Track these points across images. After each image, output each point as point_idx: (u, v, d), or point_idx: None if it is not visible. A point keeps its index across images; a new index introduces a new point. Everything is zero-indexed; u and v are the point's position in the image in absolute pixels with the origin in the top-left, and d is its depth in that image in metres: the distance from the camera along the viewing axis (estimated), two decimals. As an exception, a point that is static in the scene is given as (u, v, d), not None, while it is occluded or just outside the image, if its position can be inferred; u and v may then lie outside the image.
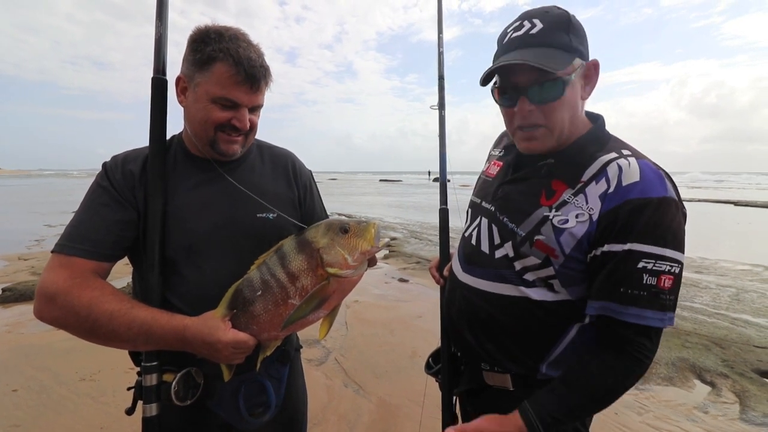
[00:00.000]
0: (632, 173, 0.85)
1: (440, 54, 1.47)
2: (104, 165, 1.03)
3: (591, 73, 0.94)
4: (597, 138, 0.96)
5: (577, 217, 0.88)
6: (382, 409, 2.64)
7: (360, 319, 4.21)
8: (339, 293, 0.95)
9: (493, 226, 1.03)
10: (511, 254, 0.96)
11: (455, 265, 1.15)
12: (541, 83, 0.89)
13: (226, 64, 0.95)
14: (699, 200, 20.38)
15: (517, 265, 0.96)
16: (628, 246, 0.83)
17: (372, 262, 1.01)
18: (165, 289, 0.98)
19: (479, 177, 1.24)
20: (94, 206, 0.97)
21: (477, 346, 1.04)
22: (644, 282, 0.82)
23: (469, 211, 1.19)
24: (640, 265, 0.82)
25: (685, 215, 0.87)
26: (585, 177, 0.90)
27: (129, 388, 1.02)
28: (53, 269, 0.90)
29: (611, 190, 0.86)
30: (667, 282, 0.82)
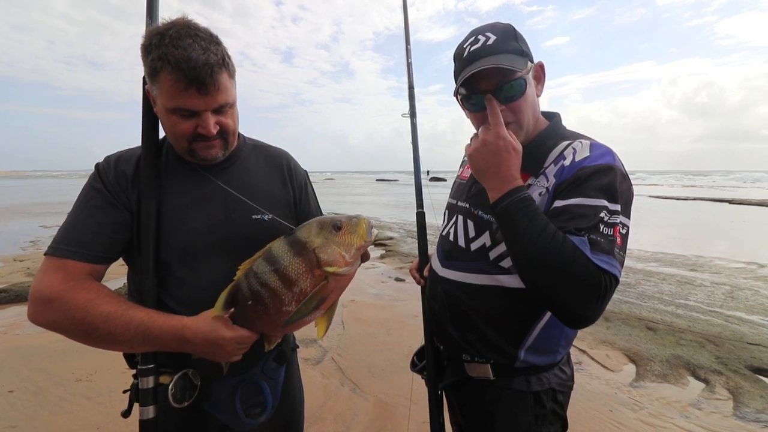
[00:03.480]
0: (584, 150, 0.95)
1: (409, 65, 1.54)
2: (97, 166, 1.01)
3: (539, 73, 1.05)
4: (555, 132, 1.06)
5: (540, 195, 0.96)
6: (379, 407, 2.65)
7: (356, 319, 4.21)
8: (337, 290, 0.95)
9: (469, 221, 1.10)
10: (489, 243, 1.03)
11: (435, 262, 1.21)
12: (505, 84, 0.97)
13: (167, 72, 0.87)
14: (695, 199, 20.50)
15: (493, 254, 1.02)
16: (587, 200, 0.88)
17: (365, 257, 1.00)
18: (160, 291, 0.98)
19: (455, 181, 1.32)
20: (87, 208, 0.96)
21: (459, 337, 1.10)
22: (602, 231, 0.86)
23: (446, 212, 1.25)
24: (600, 215, 0.87)
25: (630, 184, 0.95)
26: (546, 163, 0.99)
27: (125, 391, 1.01)
28: (47, 272, 0.89)
29: (567, 164, 0.95)
30: (618, 238, 0.88)
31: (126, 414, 1.00)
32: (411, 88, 1.53)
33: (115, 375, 2.96)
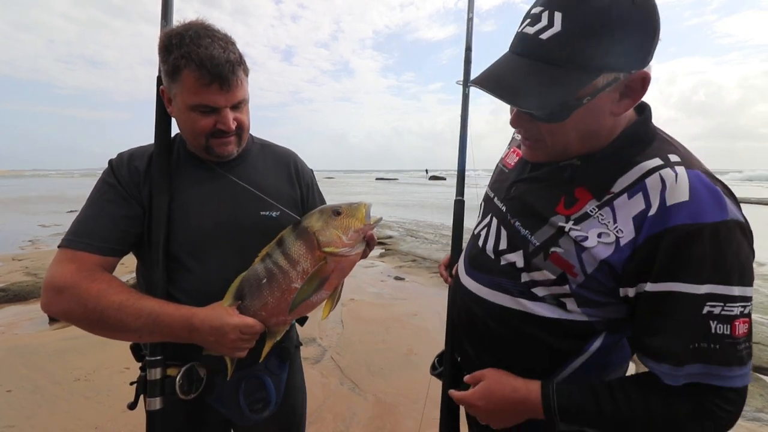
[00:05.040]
0: (680, 190, 0.65)
1: (469, 20, 1.29)
2: (110, 162, 1.04)
3: (635, 86, 0.68)
4: (638, 137, 0.75)
5: (599, 236, 0.71)
6: (378, 407, 2.65)
7: (356, 318, 4.21)
8: (338, 272, 0.99)
9: (503, 229, 0.88)
10: (521, 264, 0.82)
11: (460, 265, 1.03)
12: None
13: (191, 69, 0.92)
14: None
15: (525, 277, 0.81)
16: (683, 287, 0.65)
17: (371, 243, 1.05)
18: (169, 284, 1.00)
19: (497, 165, 1.06)
20: (100, 202, 0.99)
21: (475, 357, 0.94)
22: (713, 331, 0.64)
23: (482, 204, 1.03)
24: (705, 310, 0.64)
25: (751, 239, 0.68)
26: (616, 188, 0.73)
27: (132, 383, 1.04)
28: (61, 263, 0.92)
29: (652, 212, 0.66)
30: (742, 328, 0.64)
31: (132, 406, 1.02)
32: (468, 49, 1.27)
33: (113, 374, 2.94)
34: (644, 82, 0.68)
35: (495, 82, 0.71)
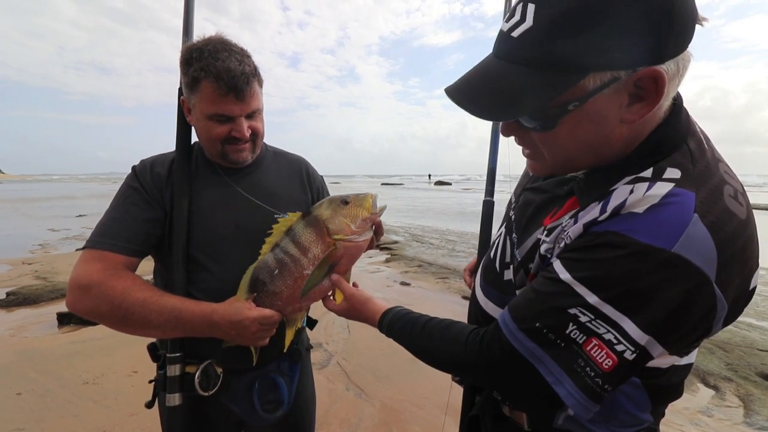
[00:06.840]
0: (641, 203, 0.55)
1: None
2: (134, 168, 1.10)
3: (647, 86, 0.55)
4: (653, 148, 0.61)
5: (561, 247, 0.64)
6: (384, 413, 2.64)
7: (362, 323, 4.19)
8: (347, 258, 1.02)
9: (507, 239, 0.82)
10: (514, 281, 0.76)
11: (477, 275, 0.93)
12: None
13: (209, 81, 0.97)
14: (702, 203, 20.29)
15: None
16: (564, 275, 0.59)
17: (379, 230, 1.10)
18: (188, 284, 1.05)
19: (526, 167, 0.94)
20: (125, 205, 1.04)
21: None
22: (568, 332, 0.58)
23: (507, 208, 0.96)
24: (572, 311, 0.57)
25: (695, 292, 0.53)
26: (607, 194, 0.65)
27: (150, 381, 1.09)
28: (86, 262, 0.96)
29: (602, 218, 0.58)
30: (603, 358, 0.56)
31: (150, 405, 1.07)
32: None
33: (120, 378, 2.95)
34: (657, 81, 0.54)
35: (459, 88, 0.62)
